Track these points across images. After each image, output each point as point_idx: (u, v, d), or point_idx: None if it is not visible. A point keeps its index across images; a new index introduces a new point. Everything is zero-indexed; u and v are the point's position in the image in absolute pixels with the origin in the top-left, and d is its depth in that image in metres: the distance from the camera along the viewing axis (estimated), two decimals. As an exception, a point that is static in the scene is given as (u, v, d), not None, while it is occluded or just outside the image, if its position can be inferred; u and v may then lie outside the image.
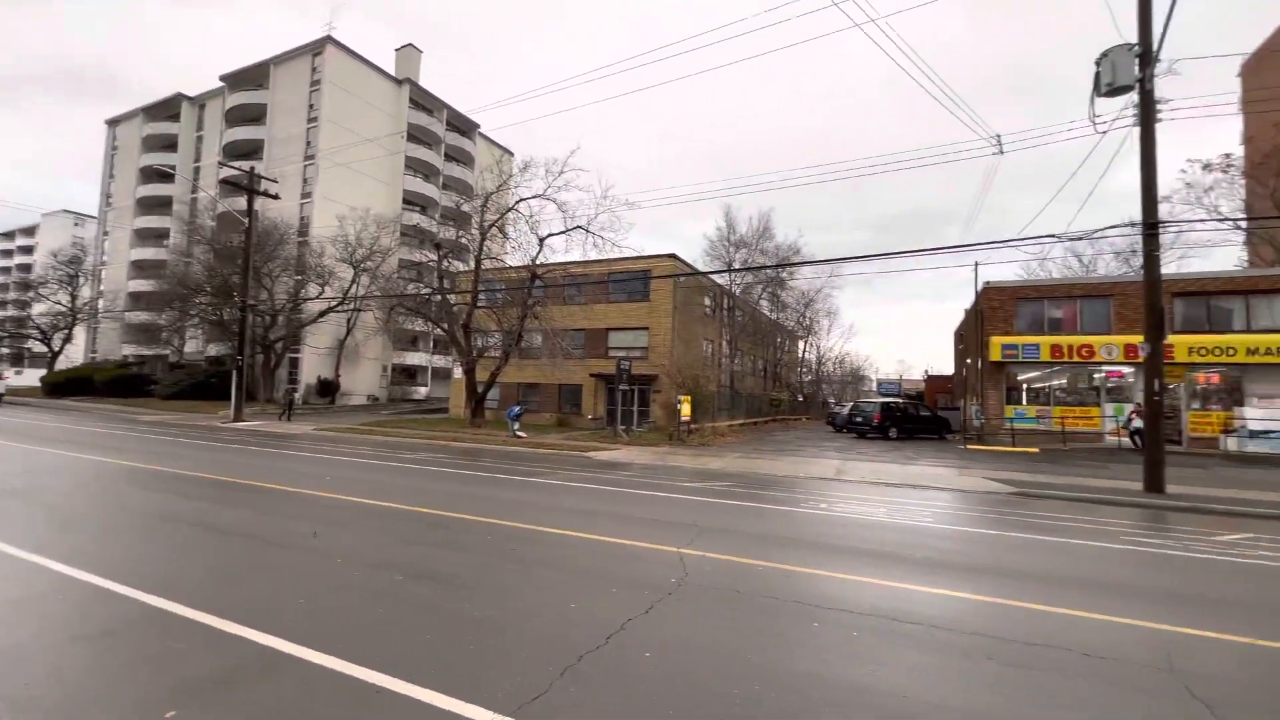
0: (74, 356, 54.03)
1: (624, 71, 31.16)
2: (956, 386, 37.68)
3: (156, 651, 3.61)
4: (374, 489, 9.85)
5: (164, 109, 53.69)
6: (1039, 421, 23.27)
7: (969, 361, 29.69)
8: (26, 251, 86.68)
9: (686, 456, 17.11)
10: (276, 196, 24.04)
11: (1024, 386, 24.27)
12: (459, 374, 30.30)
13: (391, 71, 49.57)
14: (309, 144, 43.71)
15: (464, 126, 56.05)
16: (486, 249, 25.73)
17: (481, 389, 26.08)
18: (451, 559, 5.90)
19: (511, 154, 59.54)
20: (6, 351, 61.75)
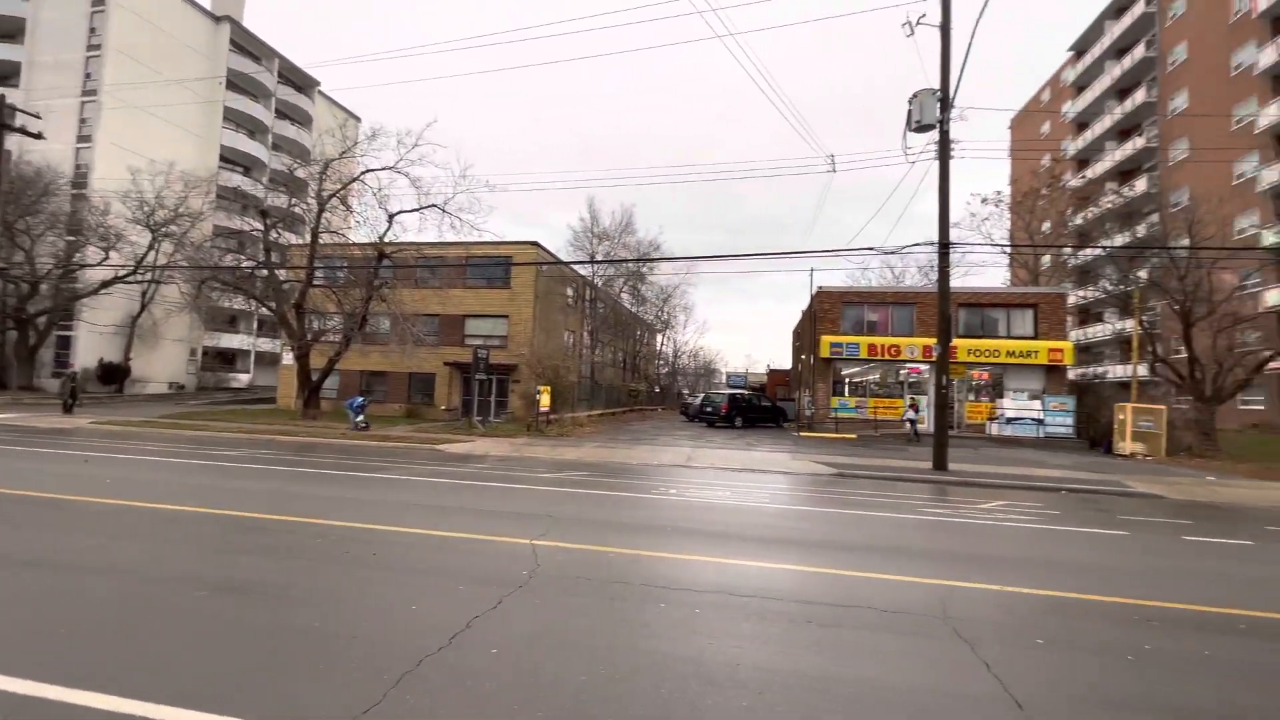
0: None
1: (491, 46, 29.77)
2: (794, 380, 41.67)
3: None
4: (174, 492, 8.43)
5: None
6: (857, 411, 26.58)
7: (804, 357, 32.99)
8: None
9: (544, 447, 16.96)
10: (39, 136, 19.33)
11: (847, 380, 27.54)
12: (289, 360, 27.01)
13: (206, 4, 42.40)
14: (89, 76, 35.86)
15: (301, 82, 49.79)
16: (326, 221, 23.18)
17: (317, 377, 23.54)
18: (271, 567, 5.25)
19: (358, 119, 54.18)
20: None
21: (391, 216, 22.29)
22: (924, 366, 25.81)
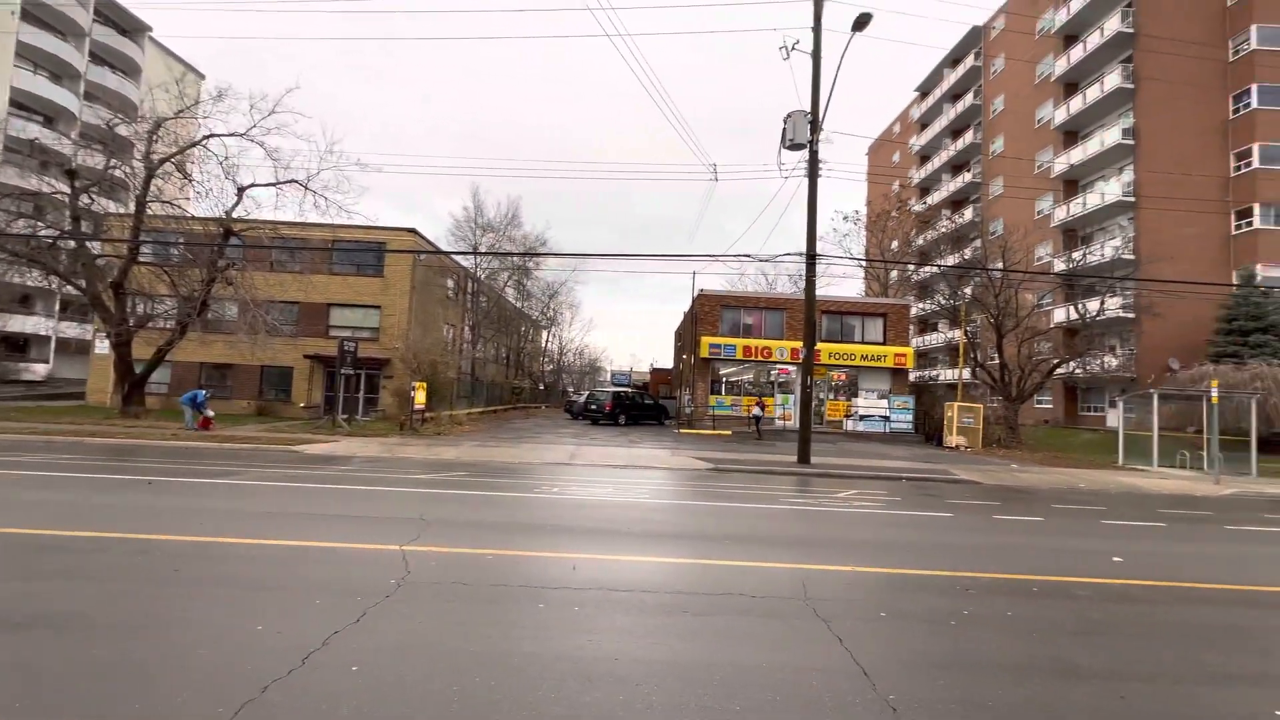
0: None
1: (376, 13, 27.50)
2: (675, 378, 43.11)
3: None
4: (-67, 508, 6.83)
5: None
6: (733, 409, 28.11)
7: (685, 357, 34.25)
8: None
9: (419, 447, 16.03)
10: None
11: (724, 379, 29.02)
12: (104, 348, 23.04)
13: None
14: None
15: (126, 24, 42.63)
16: (156, 190, 20.05)
17: (141, 369, 20.34)
18: (76, 594, 4.44)
19: (201, 75, 47.51)
20: None
21: (241, 190, 19.83)
22: (792, 367, 27.89)
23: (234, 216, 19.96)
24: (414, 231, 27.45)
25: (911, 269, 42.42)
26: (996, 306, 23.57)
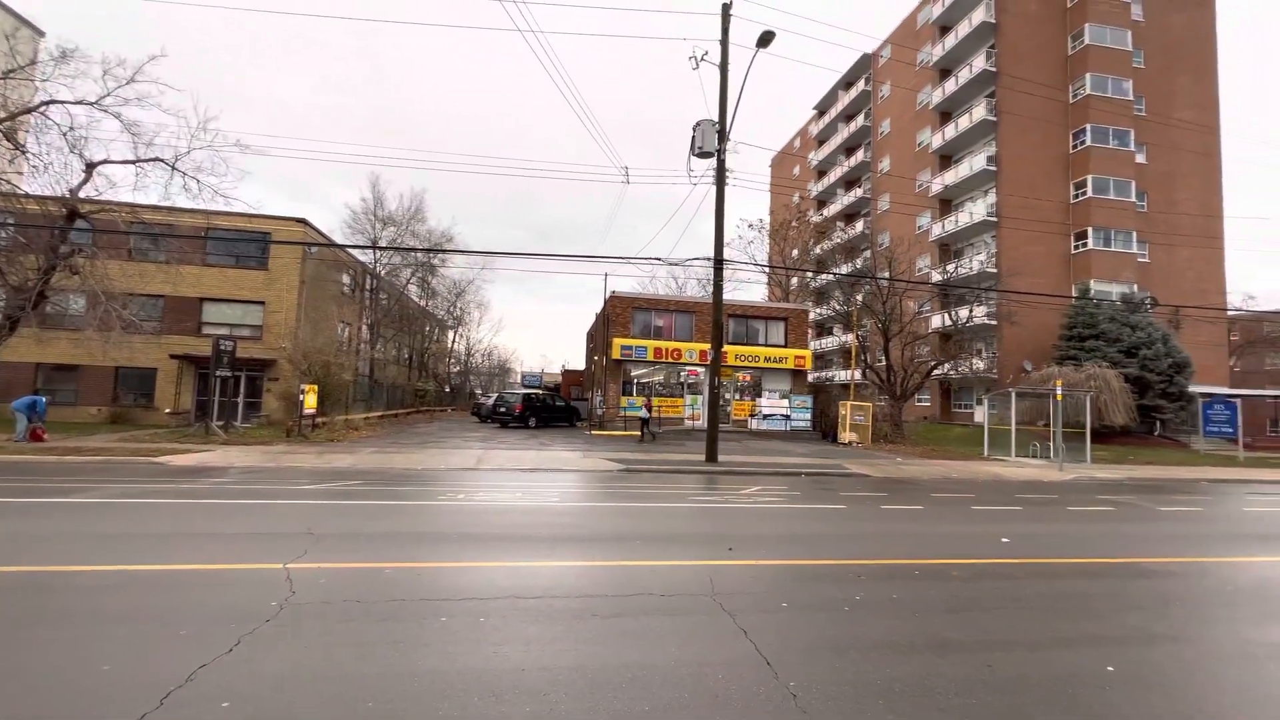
0: None
1: (243, -19, 25.04)
2: (587, 380, 42.93)
3: None
4: None
5: None
6: (644, 410, 28.38)
7: (597, 358, 34.19)
8: None
9: (309, 455, 14.82)
10: None
11: (635, 380, 29.27)
12: (-95, 346, 19.29)
13: None
14: None
15: (-63, -37, 36.05)
16: (-23, 161, 17.08)
17: (-44, 371, 17.23)
18: None
19: (41, 32, 41.15)
20: None
21: (91, 166, 17.32)
22: (701, 369, 28.66)
23: (81, 196, 17.43)
24: (304, 222, 25.37)
25: (810, 276, 45.06)
26: (884, 312, 25.61)
